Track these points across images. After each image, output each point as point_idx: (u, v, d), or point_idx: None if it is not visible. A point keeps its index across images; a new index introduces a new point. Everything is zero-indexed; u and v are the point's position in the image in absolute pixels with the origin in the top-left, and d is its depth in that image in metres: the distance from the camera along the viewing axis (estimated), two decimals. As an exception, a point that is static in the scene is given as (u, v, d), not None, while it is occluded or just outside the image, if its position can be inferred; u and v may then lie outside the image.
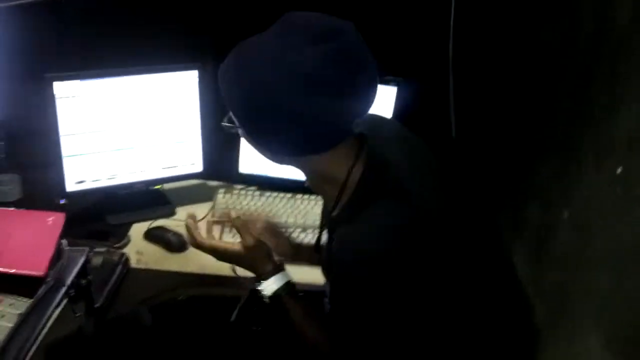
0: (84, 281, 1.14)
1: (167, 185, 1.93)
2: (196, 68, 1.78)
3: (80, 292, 1.12)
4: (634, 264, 1.17)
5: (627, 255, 1.19)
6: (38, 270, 1.37)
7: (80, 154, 1.70)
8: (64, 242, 1.20)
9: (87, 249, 1.19)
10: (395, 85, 1.76)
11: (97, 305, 1.23)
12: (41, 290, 0.99)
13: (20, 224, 1.64)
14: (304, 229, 1.75)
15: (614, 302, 1.19)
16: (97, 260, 1.20)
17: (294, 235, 1.71)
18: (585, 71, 1.42)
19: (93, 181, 1.74)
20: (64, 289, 1.02)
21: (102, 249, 1.28)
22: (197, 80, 1.79)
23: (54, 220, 1.65)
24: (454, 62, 1.74)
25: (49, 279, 1.04)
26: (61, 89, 1.63)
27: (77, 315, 1.17)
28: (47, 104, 1.62)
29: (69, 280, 1.05)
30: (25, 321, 0.92)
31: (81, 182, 1.73)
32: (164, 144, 1.81)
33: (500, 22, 1.77)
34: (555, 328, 1.40)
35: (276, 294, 1.24)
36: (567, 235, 1.43)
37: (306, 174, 1.17)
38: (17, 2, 1.66)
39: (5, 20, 1.68)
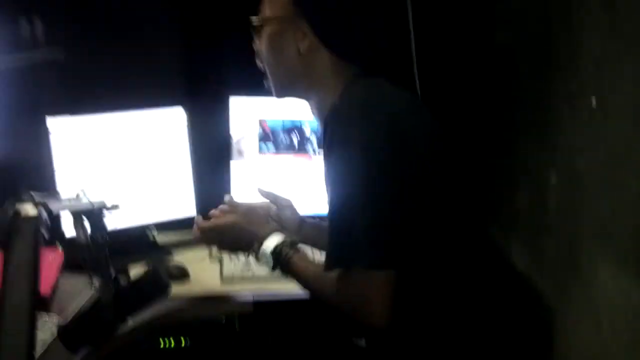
0: (100, 237, 1.12)
1: (159, 237, 1.93)
2: (181, 105, 1.87)
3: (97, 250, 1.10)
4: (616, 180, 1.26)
5: (616, 175, 1.28)
6: (44, 291, 1.42)
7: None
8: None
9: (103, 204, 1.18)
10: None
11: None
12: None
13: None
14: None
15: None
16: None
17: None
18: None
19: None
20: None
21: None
22: (185, 118, 1.87)
23: (54, 257, 1.64)
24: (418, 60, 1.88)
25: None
26: (55, 124, 1.69)
27: (94, 286, 1.14)
28: (42, 139, 1.67)
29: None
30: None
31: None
32: (156, 184, 1.84)
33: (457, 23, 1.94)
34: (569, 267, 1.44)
35: (277, 249, 1.25)
36: (560, 189, 1.51)
37: (308, 81, 1.25)
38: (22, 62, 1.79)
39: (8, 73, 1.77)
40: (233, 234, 1.36)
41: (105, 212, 1.24)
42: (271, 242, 1.27)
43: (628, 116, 1.25)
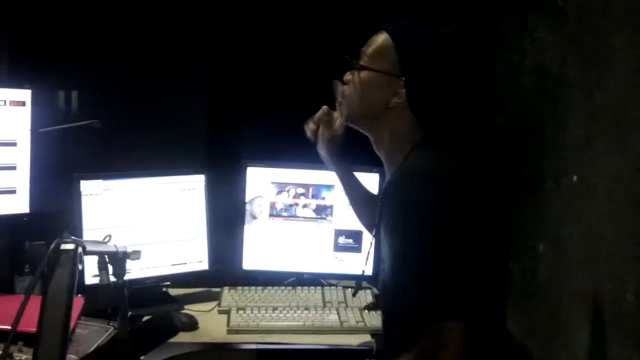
0: (120, 279, 1.26)
1: (172, 291, 2.05)
2: (203, 173, 2.04)
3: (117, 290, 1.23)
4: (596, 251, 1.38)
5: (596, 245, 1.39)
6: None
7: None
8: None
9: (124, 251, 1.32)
10: (377, 172, 2.03)
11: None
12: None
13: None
14: (307, 308, 1.89)
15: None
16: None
17: (297, 314, 1.85)
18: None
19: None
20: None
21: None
22: (204, 183, 2.03)
23: (77, 301, 1.76)
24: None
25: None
26: (87, 186, 1.85)
27: (111, 324, 1.25)
28: (74, 199, 1.83)
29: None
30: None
31: (97, 275, 1.85)
32: (173, 242, 1.98)
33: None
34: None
35: None
36: (548, 259, 1.63)
37: (386, 132, 1.34)
38: (60, 127, 1.98)
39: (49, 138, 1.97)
40: None
41: (126, 257, 1.37)
42: None
43: (604, 192, 1.39)
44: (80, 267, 1.07)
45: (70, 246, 1.04)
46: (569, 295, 1.51)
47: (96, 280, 1.50)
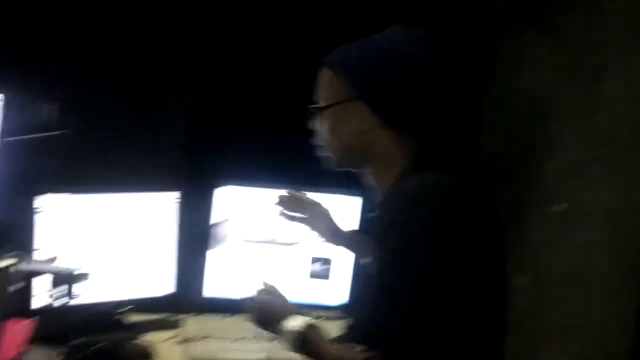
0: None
1: (133, 316, 1.92)
2: (178, 190, 1.91)
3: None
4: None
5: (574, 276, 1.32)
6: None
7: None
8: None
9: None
10: (360, 196, 1.93)
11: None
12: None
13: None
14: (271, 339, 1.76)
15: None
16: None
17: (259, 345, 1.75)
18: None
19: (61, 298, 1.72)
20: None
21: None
22: (177, 202, 1.91)
23: (23, 326, 1.63)
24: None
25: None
26: (43, 201, 1.72)
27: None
28: (27, 216, 1.70)
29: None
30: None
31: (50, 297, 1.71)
32: (136, 265, 1.86)
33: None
34: None
35: (301, 332, 1.27)
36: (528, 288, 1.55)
37: (369, 157, 1.28)
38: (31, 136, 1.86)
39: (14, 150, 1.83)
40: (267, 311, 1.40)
41: (77, 280, 1.26)
42: (295, 323, 1.30)
43: (593, 223, 1.31)
44: (20, 285, 0.96)
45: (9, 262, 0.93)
46: (549, 328, 1.43)
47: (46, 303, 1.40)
